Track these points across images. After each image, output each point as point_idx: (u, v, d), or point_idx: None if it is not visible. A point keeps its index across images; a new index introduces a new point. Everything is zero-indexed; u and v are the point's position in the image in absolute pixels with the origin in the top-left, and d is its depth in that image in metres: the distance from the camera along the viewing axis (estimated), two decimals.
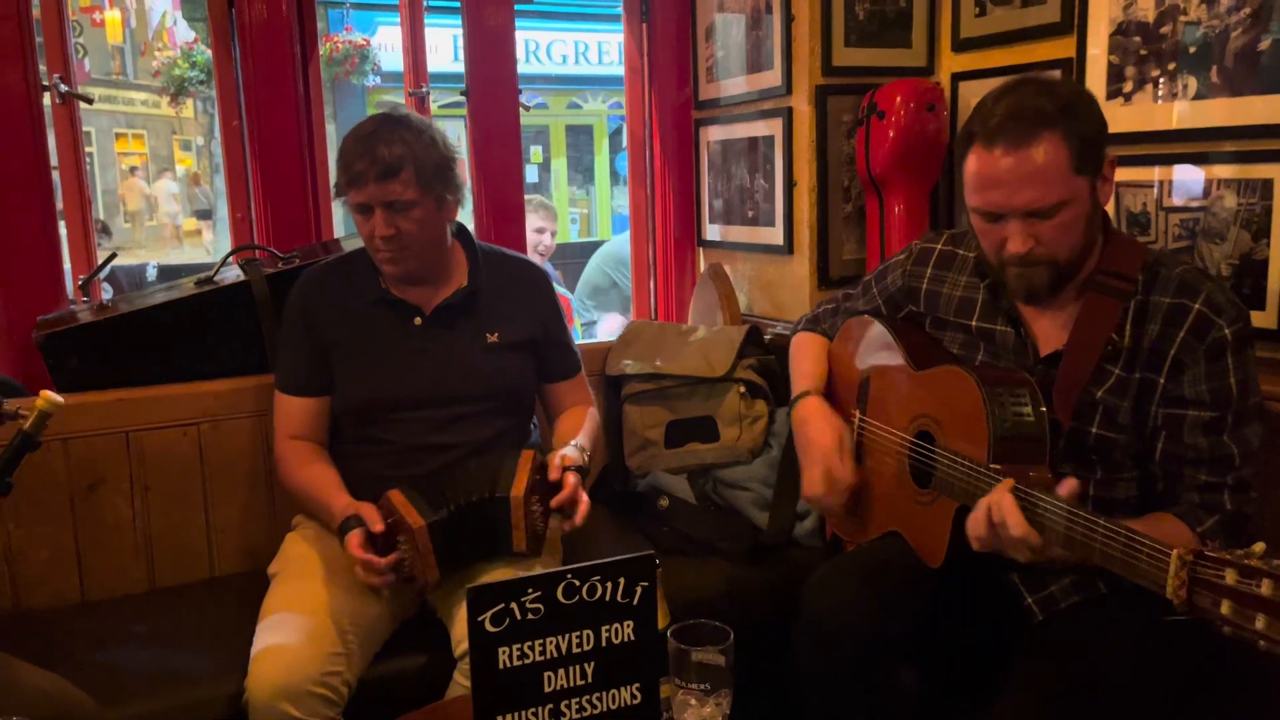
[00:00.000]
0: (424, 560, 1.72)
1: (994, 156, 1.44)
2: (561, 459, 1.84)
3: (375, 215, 1.81)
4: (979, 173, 1.47)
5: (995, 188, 1.46)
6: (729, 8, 2.71)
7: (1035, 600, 1.60)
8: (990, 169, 1.45)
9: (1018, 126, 1.42)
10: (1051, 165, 1.42)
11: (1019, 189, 1.44)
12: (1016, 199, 1.45)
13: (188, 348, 2.16)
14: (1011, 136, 1.42)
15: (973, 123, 1.49)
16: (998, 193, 1.46)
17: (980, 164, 1.47)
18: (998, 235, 1.50)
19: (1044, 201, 1.44)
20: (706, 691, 1.27)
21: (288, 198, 2.46)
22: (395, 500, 1.74)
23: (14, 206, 2.19)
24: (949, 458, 1.55)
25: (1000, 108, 1.45)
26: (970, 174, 1.49)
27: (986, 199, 1.48)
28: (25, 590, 2.03)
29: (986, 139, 1.45)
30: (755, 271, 2.74)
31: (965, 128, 1.51)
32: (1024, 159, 1.42)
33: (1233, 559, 1.09)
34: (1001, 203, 1.46)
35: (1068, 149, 1.42)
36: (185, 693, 1.70)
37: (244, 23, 2.38)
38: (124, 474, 2.08)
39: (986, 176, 1.46)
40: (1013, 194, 1.45)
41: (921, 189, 2.40)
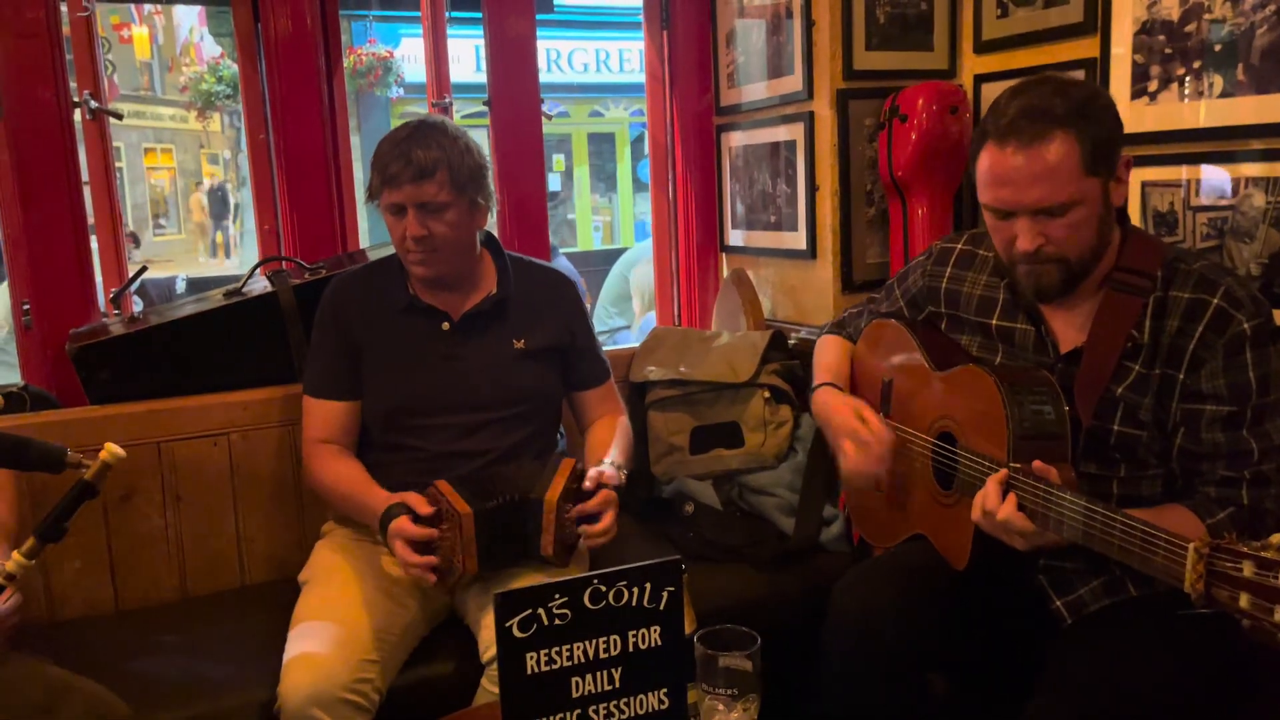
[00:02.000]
0: (465, 550, 1.72)
1: (1005, 154, 1.45)
2: (598, 474, 1.84)
3: (408, 216, 1.83)
4: (990, 170, 1.48)
5: (1005, 185, 1.46)
6: (749, 13, 2.71)
7: (1064, 603, 1.59)
8: (1001, 166, 1.45)
9: (1029, 125, 1.42)
10: (1062, 165, 1.42)
11: (1028, 187, 1.44)
12: (1025, 197, 1.45)
13: (217, 359, 2.18)
14: (1022, 135, 1.43)
15: (986, 121, 1.49)
16: (1007, 190, 1.46)
17: (991, 161, 1.47)
18: (1008, 232, 1.50)
19: (1053, 200, 1.44)
20: (734, 697, 1.27)
21: (314, 209, 2.48)
22: (443, 488, 1.75)
23: (47, 221, 2.23)
24: (970, 458, 1.54)
25: (1013, 106, 1.45)
26: (982, 171, 1.50)
27: (996, 196, 1.48)
28: (60, 600, 2.06)
29: (998, 136, 1.45)
30: (778, 276, 2.74)
31: (979, 126, 1.52)
32: (1034, 157, 1.42)
33: (1250, 551, 1.08)
34: (1011, 200, 1.47)
35: (1079, 149, 1.42)
36: (218, 701, 1.72)
37: (269, 37, 2.41)
38: (156, 484, 2.11)
39: (997, 174, 1.47)
40: (1022, 192, 1.45)
41: (945, 192, 2.39)
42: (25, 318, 2.25)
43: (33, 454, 1.40)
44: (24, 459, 1.42)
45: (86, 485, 1.36)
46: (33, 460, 1.40)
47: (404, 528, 1.72)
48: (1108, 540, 1.28)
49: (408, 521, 1.73)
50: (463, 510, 1.72)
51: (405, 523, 1.73)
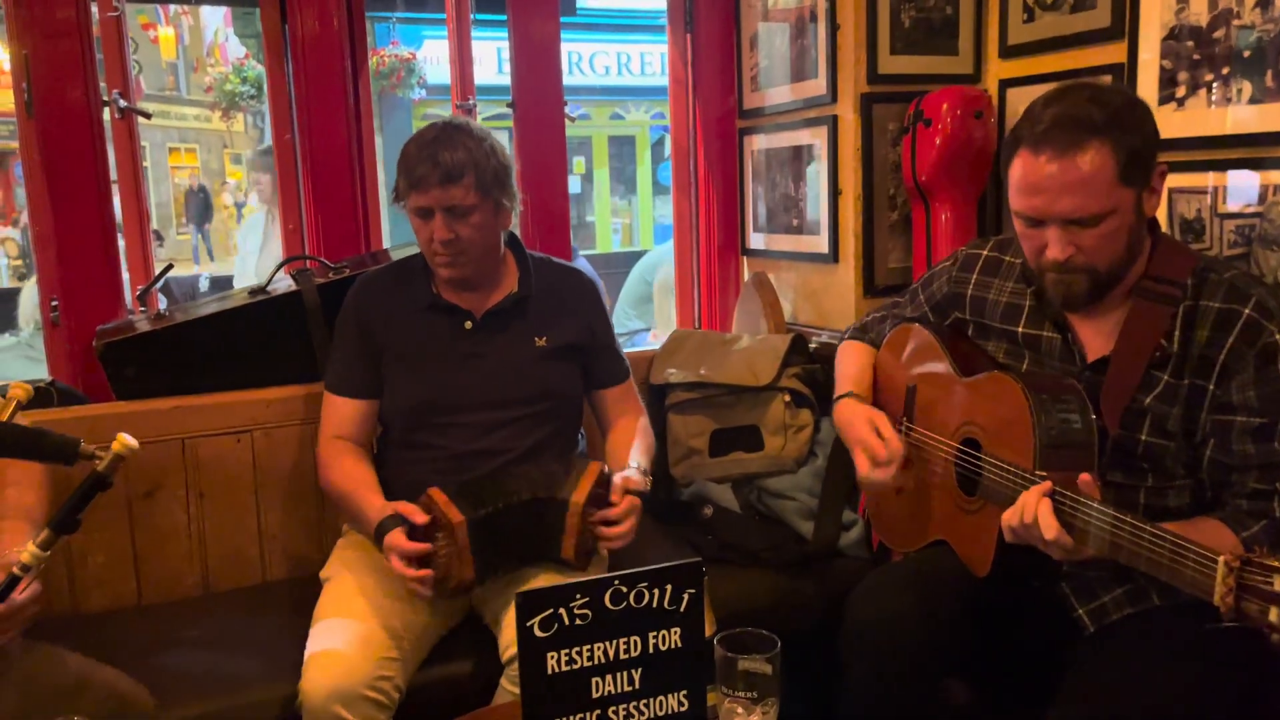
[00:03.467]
0: (460, 558, 1.72)
1: (1039, 162, 1.43)
2: (625, 480, 1.84)
3: (435, 219, 1.84)
4: (1023, 177, 1.47)
5: (1038, 193, 1.45)
6: (773, 16, 2.71)
7: (1086, 611, 1.58)
8: (1034, 174, 1.44)
9: (1065, 134, 1.41)
10: (1096, 175, 1.41)
11: (1061, 196, 1.43)
12: (1058, 206, 1.44)
13: (241, 356, 2.20)
14: (1057, 144, 1.41)
15: (1021, 127, 1.48)
16: (1040, 199, 1.45)
17: (1025, 169, 1.46)
18: (1038, 240, 1.50)
19: (1086, 211, 1.43)
20: (753, 700, 1.27)
21: (338, 209, 2.50)
22: (436, 497, 1.75)
23: (77, 219, 2.25)
24: (995, 465, 1.54)
25: (1049, 114, 1.44)
26: (1014, 178, 1.49)
27: (1029, 204, 1.47)
28: (83, 593, 2.08)
29: (1033, 144, 1.44)
30: (800, 280, 2.73)
31: (1013, 131, 1.50)
32: (1069, 167, 1.41)
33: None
34: (1043, 209, 1.46)
35: (1114, 159, 1.41)
36: (239, 695, 1.74)
37: (296, 38, 2.42)
38: (180, 480, 2.13)
39: (1030, 182, 1.45)
40: (1055, 201, 1.44)
41: (968, 197, 2.38)
42: (53, 314, 2.28)
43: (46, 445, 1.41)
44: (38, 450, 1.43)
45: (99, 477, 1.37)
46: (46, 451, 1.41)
47: (398, 543, 1.73)
48: (1136, 552, 1.27)
49: (402, 536, 1.73)
50: (455, 519, 1.72)
51: (399, 537, 1.73)
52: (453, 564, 1.73)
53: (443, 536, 1.73)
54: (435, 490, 1.76)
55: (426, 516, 1.74)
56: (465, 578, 1.74)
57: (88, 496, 1.37)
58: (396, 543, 1.73)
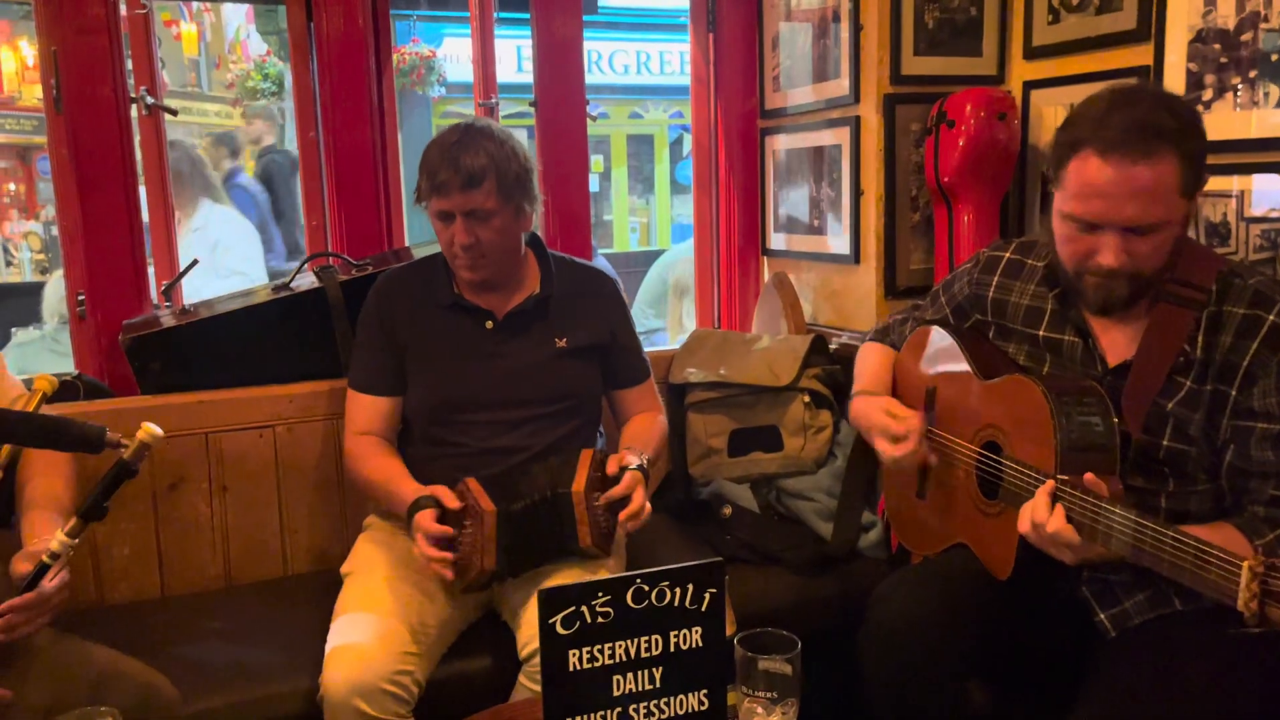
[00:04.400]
0: (485, 547, 1.74)
1: (1105, 167, 1.40)
2: (618, 458, 1.86)
3: (456, 223, 1.85)
4: (1086, 180, 1.43)
5: (1100, 198, 1.42)
6: (795, 17, 2.71)
7: (1108, 616, 1.58)
8: (1099, 178, 1.41)
9: (1140, 140, 1.38)
10: (1162, 184, 1.39)
11: (1125, 203, 1.40)
12: (1120, 213, 1.41)
13: (264, 352, 2.21)
14: (1130, 149, 1.38)
15: (1082, 128, 1.43)
16: (1101, 203, 1.42)
17: (1089, 172, 1.42)
18: (1087, 245, 1.47)
19: (1148, 219, 1.41)
20: (773, 700, 1.27)
21: (361, 206, 2.51)
22: (472, 485, 1.78)
23: (104, 215, 2.27)
24: (1016, 468, 1.53)
25: (1118, 118, 1.40)
26: (1074, 180, 1.44)
27: (1088, 208, 1.44)
28: (108, 585, 2.11)
29: (1102, 148, 1.40)
30: (820, 281, 2.73)
31: (1071, 133, 1.45)
32: (1138, 174, 1.38)
33: None
34: (1103, 214, 1.43)
35: (1180, 169, 1.39)
36: (261, 687, 1.75)
37: (321, 36, 2.44)
38: (203, 474, 2.15)
39: (1093, 185, 1.42)
40: (1119, 207, 1.41)
41: (991, 198, 2.37)
42: (80, 308, 2.30)
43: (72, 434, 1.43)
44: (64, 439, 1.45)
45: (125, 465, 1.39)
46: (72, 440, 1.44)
47: (425, 523, 1.75)
48: (1158, 556, 1.27)
49: (430, 517, 1.75)
50: (487, 508, 1.74)
51: (428, 517, 1.75)
52: (476, 553, 1.74)
53: (471, 524, 1.75)
54: (471, 480, 1.79)
55: (460, 503, 1.76)
56: (487, 568, 1.76)
57: (115, 484, 1.39)
58: (423, 522, 1.75)
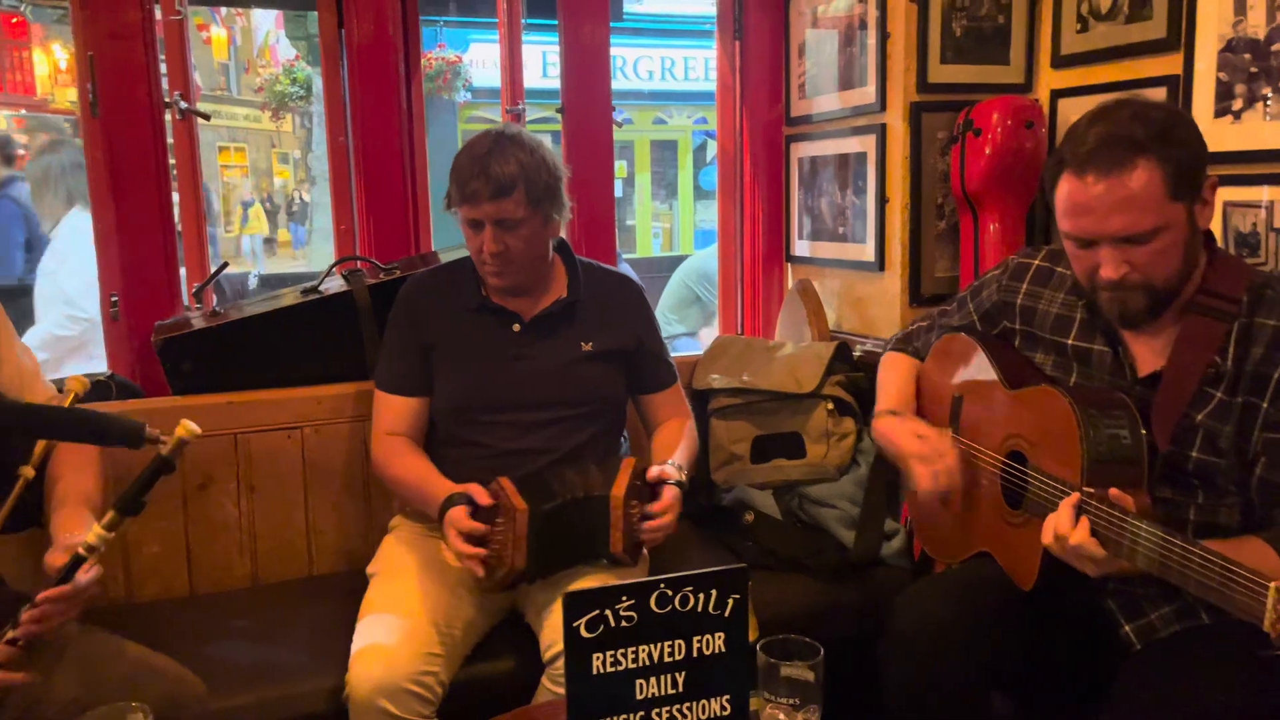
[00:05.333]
0: (516, 545, 1.75)
1: (1085, 183, 1.42)
2: (660, 472, 1.87)
3: (485, 231, 1.87)
4: (1069, 199, 1.46)
5: (1086, 214, 1.44)
6: (822, 24, 2.71)
7: (1133, 628, 1.57)
8: (1081, 196, 1.43)
9: (1109, 153, 1.40)
10: (1144, 192, 1.40)
11: (1110, 216, 1.42)
12: (1108, 226, 1.43)
13: (293, 354, 2.23)
14: (1102, 164, 1.40)
15: (1064, 149, 1.47)
16: (1088, 220, 1.44)
17: (1070, 190, 1.45)
18: (1090, 260, 1.48)
19: (1137, 228, 1.42)
20: (795, 707, 1.27)
21: (389, 211, 2.54)
22: (505, 484, 1.79)
23: (139, 217, 2.31)
24: (1041, 479, 1.53)
25: (1092, 134, 1.43)
26: (1061, 200, 1.48)
27: (1077, 225, 1.46)
28: (137, 582, 2.13)
29: (1077, 165, 1.43)
30: (845, 288, 2.73)
31: (1055, 153, 1.49)
32: (1116, 186, 1.40)
33: None
34: (1093, 229, 1.45)
35: (1162, 175, 1.40)
36: (287, 686, 1.77)
37: (352, 41, 2.46)
38: (231, 474, 2.17)
39: (1077, 203, 1.45)
40: (1104, 221, 1.43)
41: (1017, 207, 2.36)
42: (113, 309, 2.33)
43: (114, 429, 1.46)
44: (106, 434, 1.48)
45: (163, 460, 1.41)
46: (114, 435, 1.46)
47: (458, 519, 1.76)
48: (1184, 573, 1.26)
49: (463, 513, 1.77)
50: (519, 506, 1.75)
51: (460, 513, 1.77)
52: (506, 551, 1.75)
53: (503, 522, 1.76)
54: (505, 479, 1.80)
55: (492, 500, 1.77)
56: (517, 566, 1.76)
57: (152, 479, 1.42)
58: (456, 518, 1.76)
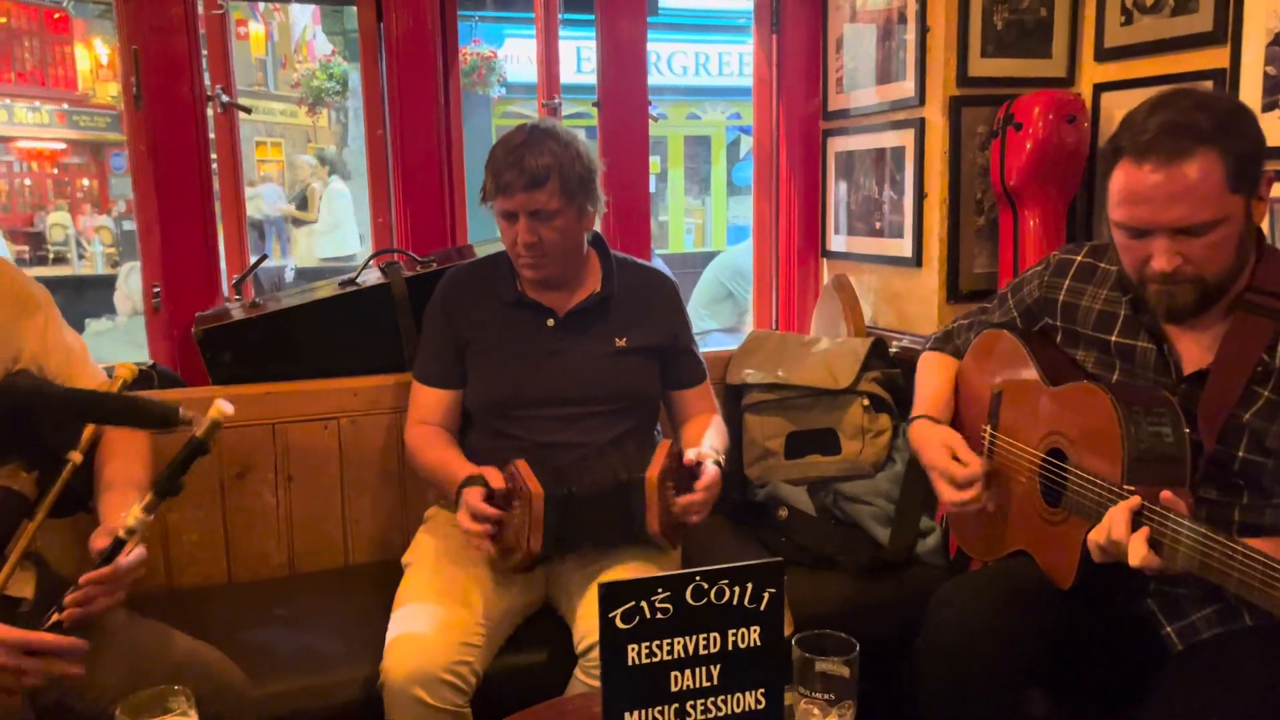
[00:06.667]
0: (531, 530, 1.76)
1: (1143, 172, 1.40)
2: (697, 454, 1.87)
3: (520, 222, 1.88)
4: (1126, 187, 1.43)
5: (1142, 203, 1.42)
6: (861, 18, 2.69)
7: (1174, 629, 1.55)
8: (1139, 184, 1.41)
9: (1170, 142, 1.38)
10: (1204, 183, 1.38)
11: (1168, 206, 1.40)
12: (1165, 216, 1.40)
13: (331, 345, 2.26)
14: (1163, 152, 1.38)
15: (1121, 136, 1.45)
16: (1145, 208, 1.42)
17: (1128, 179, 1.43)
18: (1142, 251, 1.46)
19: (1194, 219, 1.40)
20: (830, 702, 1.27)
21: (426, 204, 2.55)
22: (521, 467, 1.79)
23: (181, 210, 2.34)
24: (1080, 477, 1.51)
25: (1153, 122, 1.40)
26: (1116, 188, 1.45)
27: (1132, 214, 1.44)
28: (177, 570, 2.17)
29: (1136, 153, 1.41)
30: (881, 283, 2.71)
31: (1112, 141, 1.47)
32: (1175, 175, 1.38)
33: None
34: (1148, 219, 1.42)
35: (1222, 166, 1.37)
36: (323, 674, 1.79)
37: (391, 36, 2.48)
38: (269, 464, 2.20)
39: (1134, 192, 1.42)
40: (1161, 211, 1.41)
41: (1059, 202, 2.33)
42: (155, 300, 2.37)
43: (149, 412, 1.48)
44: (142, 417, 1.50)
45: (198, 442, 1.43)
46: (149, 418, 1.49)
47: (471, 500, 1.77)
48: (1225, 572, 1.24)
49: (478, 494, 1.77)
50: (534, 490, 1.76)
51: (475, 495, 1.77)
52: (522, 535, 1.76)
53: (519, 505, 1.77)
54: (521, 462, 1.80)
55: (506, 484, 1.78)
56: (533, 549, 1.77)
57: (188, 461, 1.44)
58: (470, 499, 1.77)
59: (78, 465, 1.50)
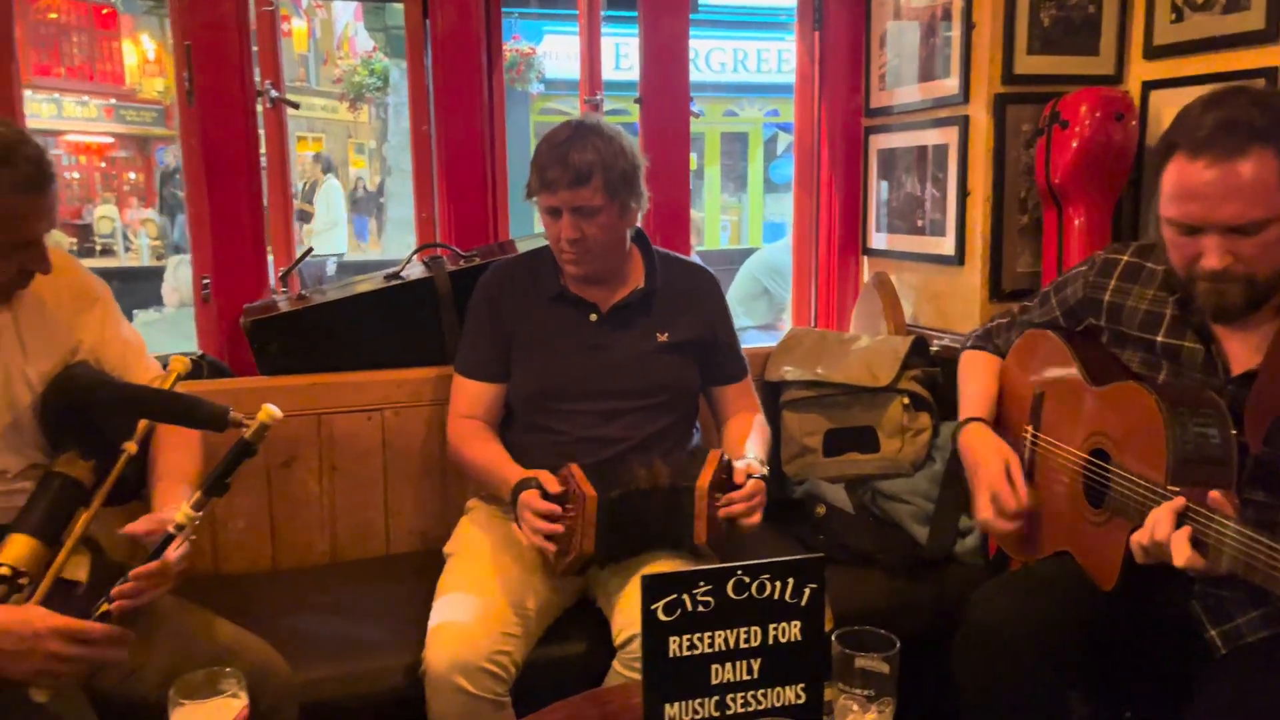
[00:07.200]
0: (585, 531, 1.78)
1: (1197, 168, 1.39)
2: (747, 466, 1.89)
3: (564, 218, 1.89)
4: (1179, 184, 1.42)
5: (1195, 200, 1.41)
6: (905, 15, 2.68)
7: (1218, 632, 1.53)
8: (1192, 181, 1.40)
9: (1226, 139, 1.37)
10: (1259, 181, 1.36)
11: (1221, 203, 1.38)
12: (1218, 213, 1.39)
13: (375, 337, 2.28)
14: (1218, 149, 1.37)
15: (1176, 132, 1.44)
16: (1198, 205, 1.41)
17: (1181, 175, 1.42)
18: (1192, 249, 1.45)
19: (1247, 217, 1.38)
20: (870, 699, 1.27)
21: (470, 199, 2.57)
22: (575, 471, 1.81)
23: (229, 202, 2.38)
24: (1124, 478, 1.50)
25: (1209, 118, 1.39)
26: (1170, 184, 1.44)
27: (1185, 211, 1.43)
28: (224, 556, 2.21)
29: (1191, 149, 1.40)
30: (922, 282, 2.70)
31: (1167, 137, 1.46)
32: (1229, 172, 1.37)
33: None
34: (1201, 216, 1.41)
35: (1278, 165, 1.36)
36: (366, 660, 1.82)
37: (436, 32, 2.50)
38: (314, 453, 2.23)
39: (1187, 188, 1.41)
40: (1214, 208, 1.39)
41: (1105, 201, 2.31)
42: (204, 292, 2.41)
43: (201, 413, 1.52)
44: (193, 417, 1.54)
45: (246, 444, 1.45)
46: (201, 419, 1.52)
47: (532, 501, 1.79)
48: (1271, 574, 1.23)
49: (536, 495, 1.80)
50: (588, 493, 1.78)
51: (534, 496, 1.80)
52: (576, 536, 1.78)
53: (572, 508, 1.79)
54: (574, 465, 1.82)
55: (561, 486, 1.80)
56: (586, 551, 1.79)
57: (236, 462, 1.46)
58: (530, 500, 1.79)
59: (133, 455, 1.54)
